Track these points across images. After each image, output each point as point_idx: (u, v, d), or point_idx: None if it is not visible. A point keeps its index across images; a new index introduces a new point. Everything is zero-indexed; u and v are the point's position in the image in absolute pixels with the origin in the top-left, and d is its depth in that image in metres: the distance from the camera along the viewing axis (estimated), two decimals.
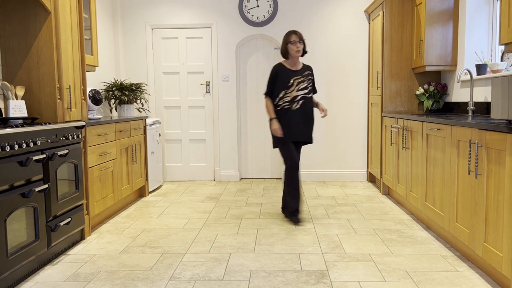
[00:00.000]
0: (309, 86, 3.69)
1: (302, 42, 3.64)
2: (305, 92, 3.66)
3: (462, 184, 2.71)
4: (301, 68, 3.71)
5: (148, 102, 5.53)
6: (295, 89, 3.63)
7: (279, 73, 3.66)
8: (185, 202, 4.44)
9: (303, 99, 3.65)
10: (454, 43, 4.20)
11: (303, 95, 3.65)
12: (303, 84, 3.66)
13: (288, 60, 3.71)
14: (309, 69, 3.75)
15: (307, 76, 3.70)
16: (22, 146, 2.44)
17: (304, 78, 3.67)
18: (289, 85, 3.63)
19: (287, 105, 3.63)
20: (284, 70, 3.67)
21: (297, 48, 3.61)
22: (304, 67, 3.74)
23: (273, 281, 2.47)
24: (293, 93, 3.63)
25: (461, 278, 2.48)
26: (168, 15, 5.46)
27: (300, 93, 3.64)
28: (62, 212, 2.92)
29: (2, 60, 3.09)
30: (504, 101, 2.35)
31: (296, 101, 3.63)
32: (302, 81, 3.66)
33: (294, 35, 3.62)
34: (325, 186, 5.18)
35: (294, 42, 3.61)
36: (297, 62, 3.71)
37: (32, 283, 2.50)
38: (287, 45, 3.64)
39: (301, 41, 3.63)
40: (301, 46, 3.63)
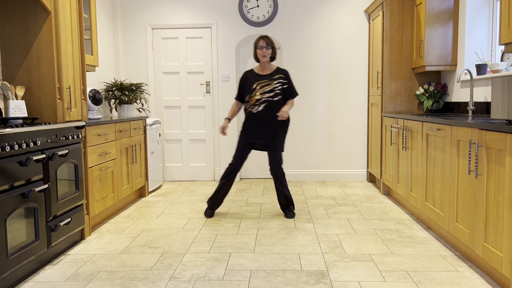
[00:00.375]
0: (275, 90, 3.69)
1: (271, 48, 3.70)
2: (270, 96, 3.67)
3: (462, 184, 2.71)
4: (270, 73, 3.76)
5: (148, 102, 5.53)
6: (257, 93, 3.70)
7: (245, 78, 3.79)
8: (185, 202, 4.44)
9: (266, 102, 3.68)
10: (454, 43, 4.20)
11: (267, 99, 3.68)
12: (268, 88, 3.69)
13: (259, 65, 3.80)
14: (282, 73, 3.76)
15: (275, 79, 3.71)
16: (22, 146, 2.44)
17: (270, 82, 3.70)
18: (252, 89, 3.72)
19: (250, 108, 3.73)
20: (251, 75, 3.78)
21: (263, 53, 3.68)
22: (275, 71, 3.77)
23: (273, 281, 2.47)
24: (255, 96, 3.70)
25: (461, 278, 2.48)
26: (168, 15, 5.46)
27: (263, 96, 3.68)
28: (62, 212, 2.92)
29: (2, 60, 3.09)
30: (504, 101, 2.36)
31: (258, 104, 3.69)
32: (267, 85, 3.70)
33: (262, 40, 3.69)
34: (325, 186, 5.18)
35: (261, 47, 3.69)
36: (267, 67, 3.77)
37: (32, 283, 2.50)
38: (256, 50, 3.73)
39: (268, 46, 3.68)
40: (268, 51, 3.69)
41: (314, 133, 5.49)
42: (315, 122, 5.48)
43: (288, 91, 3.76)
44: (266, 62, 3.73)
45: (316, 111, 5.47)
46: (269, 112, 3.69)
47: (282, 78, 3.74)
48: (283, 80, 3.74)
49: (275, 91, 3.69)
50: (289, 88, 3.76)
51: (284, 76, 3.75)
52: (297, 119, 5.49)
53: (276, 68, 3.79)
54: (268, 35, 3.72)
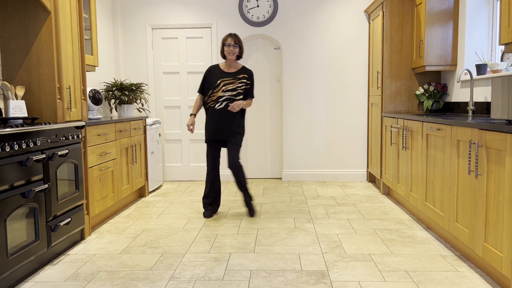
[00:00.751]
0: (238, 89, 3.75)
1: (238, 46, 3.74)
2: (232, 94, 3.74)
3: (462, 184, 2.71)
4: (236, 71, 3.80)
5: (148, 102, 5.53)
6: (220, 90, 3.74)
7: (210, 73, 3.82)
8: (185, 202, 4.44)
9: (228, 100, 3.73)
10: (454, 43, 4.20)
11: (229, 97, 3.73)
12: (231, 86, 3.74)
13: (225, 62, 3.83)
14: (246, 73, 3.81)
15: (239, 79, 3.77)
16: (22, 146, 2.44)
17: (234, 81, 3.76)
18: (216, 85, 3.75)
19: (212, 103, 3.76)
20: (216, 70, 3.81)
21: (230, 51, 3.72)
22: (240, 70, 3.81)
23: (273, 281, 2.47)
24: (218, 93, 3.74)
25: (461, 278, 2.48)
26: (168, 15, 5.46)
27: (225, 94, 3.73)
28: (62, 212, 2.92)
29: (2, 60, 3.09)
30: (504, 101, 2.35)
31: (220, 101, 3.73)
32: (231, 83, 3.75)
33: (230, 38, 3.73)
34: (325, 186, 5.18)
35: (228, 45, 3.72)
36: (233, 65, 3.81)
37: (32, 283, 2.50)
38: (223, 47, 3.76)
39: (236, 45, 3.73)
40: (235, 49, 3.73)
41: (314, 133, 5.49)
42: (315, 122, 5.48)
43: (248, 92, 3.83)
44: (232, 60, 3.78)
45: (316, 111, 5.47)
46: (229, 110, 3.74)
47: (246, 79, 3.80)
48: (247, 81, 3.80)
49: (237, 90, 3.75)
50: (250, 89, 3.83)
51: (248, 77, 3.81)
52: (297, 119, 5.49)
53: (241, 67, 3.84)
54: (237, 34, 3.77)
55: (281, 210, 4.04)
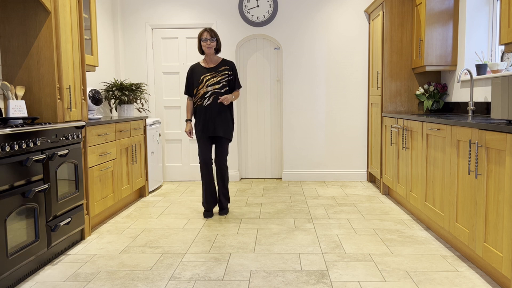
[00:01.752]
0: (222, 81, 3.76)
1: (215, 40, 3.74)
2: (216, 88, 3.74)
3: (462, 184, 2.71)
4: (216, 65, 3.80)
5: (148, 102, 5.53)
6: (204, 86, 3.75)
7: (192, 72, 3.83)
8: (185, 202, 4.44)
9: (214, 94, 3.74)
10: (454, 43, 4.20)
11: (213, 91, 3.74)
12: (214, 80, 3.75)
13: (205, 58, 3.84)
14: (227, 64, 3.82)
15: (221, 72, 3.78)
16: (22, 146, 2.44)
17: (215, 74, 3.76)
18: (199, 82, 3.77)
19: (199, 101, 3.78)
20: (197, 68, 3.81)
21: (207, 45, 3.72)
22: (221, 63, 3.82)
23: (273, 281, 2.47)
24: (202, 89, 3.76)
25: (461, 278, 2.48)
26: (168, 15, 5.46)
27: (209, 89, 3.74)
28: (62, 212, 2.92)
29: (2, 60, 3.09)
30: (504, 101, 2.35)
31: (207, 97, 3.75)
32: (213, 77, 3.76)
33: (206, 33, 3.73)
34: (325, 186, 5.18)
35: (205, 39, 3.72)
36: (213, 59, 3.82)
37: (32, 283, 2.50)
38: (200, 42, 3.76)
39: (213, 38, 3.73)
40: (212, 43, 3.73)
41: (314, 133, 5.49)
42: (315, 122, 5.48)
43: (233, 83, 3.84)
44: (211, 54, 3.78)
45: (316, 111, 5.47)
46: (218, 104, 3.75)
47: (228, 70, 3.80)
48: (229, 72, 3.81)
49: (221, 83, 3.76)
50: (234, 79, 3.84)
51: (229, 68, 3.82)
52: (297, 119, 5.49)
53: (221, 60, 3.84)
54: (212, 28, 3.78)
55: (281, 210, 4.04)
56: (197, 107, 3.81)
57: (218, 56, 3.87)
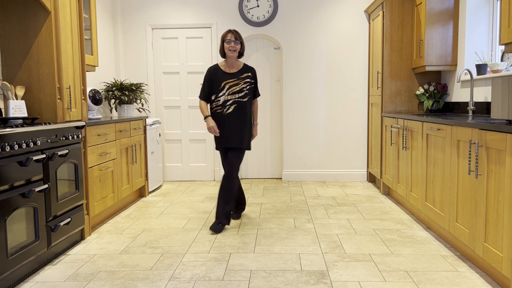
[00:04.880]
0: (245, 89, 3.48)
1: (239, 42, 3.46)
2: (239, 96, 3.46)
3: (462, 184, 2.71)
4: (238, 71, 3.51)
5: (148, 102, 5.53)
6: (226, 93, 3.46)
7: (211, 76, 3.50)
8: (185, 202, 4.44)
9: (236, 103, 3.46)
10: (454, 43, 4.20)
11: (236, 100, 3.46)
12: (237, 88, 3.46)
13: (225, 61, 3.54)
14: (249, 71, 3.54)
15: (244, 79, 3.49)
16: (22, 146, 2.44)
17: (239, 81, 3.47)
18: (220, 89, 3.47)
19: (218, 109, 3.48)
20: (217, 72, 3.50)
21: (231, 47, 3.43)
22: (243, 69, 3.53)
23: (273, 281, 2.47)
24: (223, 97, 3.46)
25: (461, 278, 2.48)
26: (168, 15, 5.46)
27: (231, 97, 3.45)
28: (62, 212, 2.92)
29: (2, 60, 3.09)
30: (504, 101, 2.35)
31: (228, 105, 3.46)
32: (236, 85, 3.47)
33: (230, 34, 3.44)
34: (325, 186, 5.18)
35: (229, 41, 3.43)
36: (234, 64, 3.52)
37: (32, 283, 2.50)
38: (223, 44, 3.48)
39: (237, 40, 3.44)
40: (237, 46, 3.44)
41: (314, 133, 5.49)
42: (315, 122, 5.48)
43: (254, 92, 3.60)
44: (234, 58, 3.49)
45: (316, 111, 5.47)
46: (239, 113, 3.47)
47: (250, 78, 3.53)
48: (251, 80, 3.53)
49: (244, 91, 3.48)
50: (255, 88, 3.59)
51: (251, 75, 3.54)
52: (297, 119, 5.49)
53: (243, 65, 3.55)
54: (237, 30, 3.47)
55: (281, 210, 4.04)
56: (215, 114, 3.51)
57: (239, 60, 3.58)
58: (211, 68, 3.54)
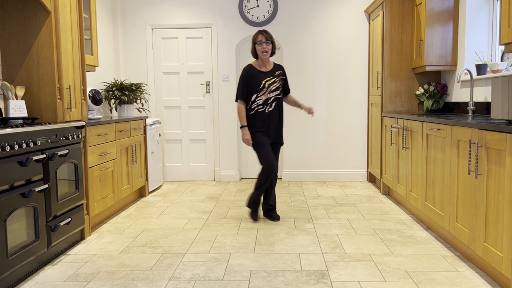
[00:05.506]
0: (280, 87, 3.62)
1: (270, 43, 3.53)
2: (277, 94, 3.61)
3: (462, 184, 2.71)
4: (271, 69, 3.62)
5: (148, 102, 5.53)
6: (266, 92, 3.55)
7: (250, 76, 3.55)
8: (185, 202, 4.44)
9: (276, 100, 3.60)
10: (454, 43, 4.20)
11: (275, 97, 3.60)
12: (274, 86, 3.59)
13: (258, 61, 3.62)
14: (280, 69, 3.67)
15: (278, 76, 3.62)
16: (22, 146, 2.44)
17: (275, 79, 3.60)
18: (261, 88, 3.55)
19: (260, 108, 3.56)
20: (254, 72, 3.57)
21: (263, 49, 3.50)
22: (275, 67, 3.65)
23: (273, 281, 2.47)
24: (265, 95, 3.55)
25: (461, 278, 2.48)
26: (168, 15, 5.46)
27: (272, 95, 3.58)
28: (62, 212, 2.92)
29: (2, 60, 3.09)
30: (504, 101, 2.35)
31: (269, 103, 3.57)
32: (273, 82, 3.59)
33: (261, 35, 3.50)
34: (325, 186, 5.18)
35: (260, 42, 3.50)
36: (266, 63, 3.62)
37: (32, 283, 2.50)
38: (255, 46, 3.55)
39: (268, 41, 3.51)
40: (268, 46, 3.51)
41: (314, 133, 5.49)
42: (315, 122, 5.48)
43: (286, 88, 3.74)
44: (267, 58, 3.57)
45: (316, 111, 5.47)
46: (279, 110, 3.63)
47: (281, 74, 3.67)
48: (283, 76, 3.68)
49: (280, 88, 3.63)
50: (286, 83, 3.73)
51: (282, 72, 3.68)
52: (297, 119, 5.49)
53: (274, 63, 3.69)
54: (266, 30, 3.58)
55: (281, 210, 4.04)
56: (256, 113, 3.56)
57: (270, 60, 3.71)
58: (247, 69, 3.60)
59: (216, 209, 4.13)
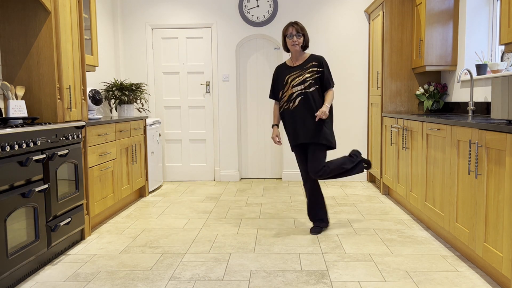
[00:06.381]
0: (309, 79, 3.25)
1: (301, 35, 3.27)
2: (303, 87, 3.26)
3: (462, 184, 2.71)
4: (303, 62, 3.33)
5: (148, 102, 5.53)
6: (289, 87, 3.30)
7: (277, 73, 3.42)
8: (185, 202, 4.44)
9: (302, 95, 3.26)
10: (454, 43, 4.20)
11: (301, 91, 3.26)
12: (299, 79, 3.27)
13: (291, 55, 3.41)
14: (315, 60, 3.31)
15: (308, 69, 3.28)
16: (22, 146, 2.44)
17: (301, 72, 3.28)
18: (284, 84, 3.34)
19: (285, 105, 3.34)
20: (282, 69, 3.39)
21: (293, 42, 3.27)
22: (308, 59, 3.33)
23: (273, 281, 2.47)
24: (288, 91, 3.31)
25: (461, 278, 2.48)
26: (168, 15, 5.46)
27: (295, 89, 3.28)
28: (62, 212, 2.92)
29: (2, 60, 3.09)
30: (504, 101, 2.35)
31: (293, 99, 3.29)
32: (298, 76, 3.28)
33: (291, 28, 3.27)
34: (325, 186, 5.18)
35: (290, 35, 3.27)
36: (299, 57, 3.35)
37: (32, 283, 2.50)
38: (285, 39, 3.33)
39: (299, 33, 3.26)
40: (299, 39, 3.27)
41: None
42: None
43: (323, 80, 3.29)
44: (298, 51, 3.31)
45: None
46: (307, 105, 3.26)
47: (316, 66, 3.28)
48: (317, 68, 3.28)
49: (308, 81, 3.25)
50: (324, 76, 3.28)
51: (317, 64, 3.29)
52: None
53: (309, 55, 3.34)
54: (298, 21, 3.31)
55: (281, 210, 4.04)
56: (284, 112, 3.34)
57: (306, 52, 3.39)
58: (277, 66, 3.44)
59: (216, 209, 4.13)
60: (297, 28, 3.26)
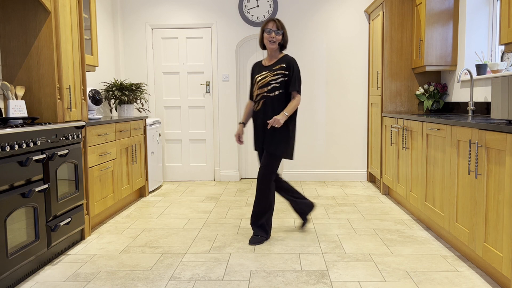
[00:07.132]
0: (272, 82, 3.05)
1: (281, 33, 3.06)
2: (266, 91, 3.07)
3: (462, 184, 2.71)
4: (274, 63, 3.11)
5: (148, 102, 5.53)
6: (256, 88, 3.14)
7: (252, 72, 3.24)
8: (185, 202, 4.44)
9: (263, 98, 3.09)
10: (454, 43, 4.20)
11: (263, 94, 3.08)
12: (263, 81, 3.08)
13: (267, 52, 3.18)
14: (285, 62, 3.08)
15: (275, 71, 3.07)
16: (22, 146, 2.44)
17: (267, 73, 3.08)
18: (253, 84, 3.19)
19: (255, 105, 3.19)
20: (256, 67, 3.21)
21: (270, 38, 3.04)
22: (279, 60, 3.11)
23: (273, 281, 2.47)
24: (255, 92, 3.16)
25: (461, 278, 2.48)
26: (168, 15, 5.46)
27: (259, 91, 3.11)
28: (62, 212, 2.92)
29: (2, 60, 3.09)
30: (504, 101, 2.36)
31: (257, 101, 3.14)
32: (264, 77, 3.09)
33: (272, 22, 3.05)
34: (325, 186, 5.18)
35: (269, 30, 3.05)
36: (273, 56, 3.14)
37: (32, 283, 2.50)
38: (263, 34, 3.10)
39: (278, 30, 3.04)
40: (277, 36, 3.04)
41: (314, 133, 5.49)
42: (315, 122, 5.48)
43: (289, 84, 3.07)
44: (273, 49, 3.09)
45: (316, 111, 5.47)
46: (266, 110, 3.09)
47: (284, 68, 3.06)
48: (284, 71, 3.05)
49: (272, 85, 3.05)
50: (290, 79, 3.06)
51: (286, 66, 3.06)
52: (297, 119, 5.48)
53: (282, 56, 3.13)
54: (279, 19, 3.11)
55: (281, 210, 4.04)
56: (253, 112, 3.22)
57: (282, 53, 3.16)
58: (254, 64, 3.26)
59: (216, 209, 4.13)
60: (278, 25, 3.06)
